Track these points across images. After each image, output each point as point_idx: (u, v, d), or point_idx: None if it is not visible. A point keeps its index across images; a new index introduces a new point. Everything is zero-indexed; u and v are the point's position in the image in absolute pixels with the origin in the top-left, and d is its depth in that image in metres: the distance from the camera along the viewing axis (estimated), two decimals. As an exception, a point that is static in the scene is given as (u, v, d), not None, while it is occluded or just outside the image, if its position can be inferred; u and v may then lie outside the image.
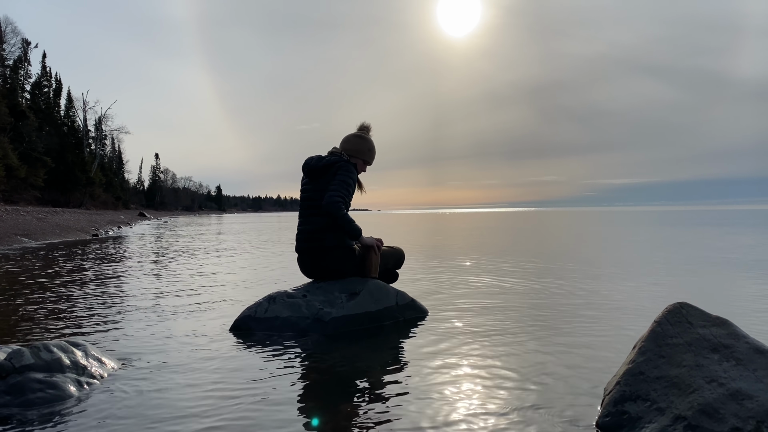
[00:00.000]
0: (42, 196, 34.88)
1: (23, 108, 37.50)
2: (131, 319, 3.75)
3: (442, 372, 2.49)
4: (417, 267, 6.76)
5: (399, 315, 3.53)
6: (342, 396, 2.22)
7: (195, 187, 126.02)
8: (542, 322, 3.54)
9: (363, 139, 3.70)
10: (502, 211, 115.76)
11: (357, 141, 3.67)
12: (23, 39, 43.20)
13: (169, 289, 5.13)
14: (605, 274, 5.93)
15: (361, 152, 3.66)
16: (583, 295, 4.54)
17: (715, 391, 1.61)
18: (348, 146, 3.66)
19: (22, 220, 17.10)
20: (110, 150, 69.40)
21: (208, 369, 2.56)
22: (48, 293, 4.90)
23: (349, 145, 3.67)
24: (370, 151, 3.71)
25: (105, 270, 6.86)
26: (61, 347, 2.34)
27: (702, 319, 1.90)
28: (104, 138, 61.23)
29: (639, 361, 1.86)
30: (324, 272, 3.54)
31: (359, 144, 3.67)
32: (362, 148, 3.68)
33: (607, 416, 1.80)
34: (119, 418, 1.97)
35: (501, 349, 2.87)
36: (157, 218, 48.37)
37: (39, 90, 46.23)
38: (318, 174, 3.54)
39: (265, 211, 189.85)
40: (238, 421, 1.93)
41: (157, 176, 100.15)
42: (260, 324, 3.25)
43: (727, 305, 4.01)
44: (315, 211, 3.51)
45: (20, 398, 2.06)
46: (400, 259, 3.92)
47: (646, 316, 3.57)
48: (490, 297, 4.51)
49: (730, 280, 5.51)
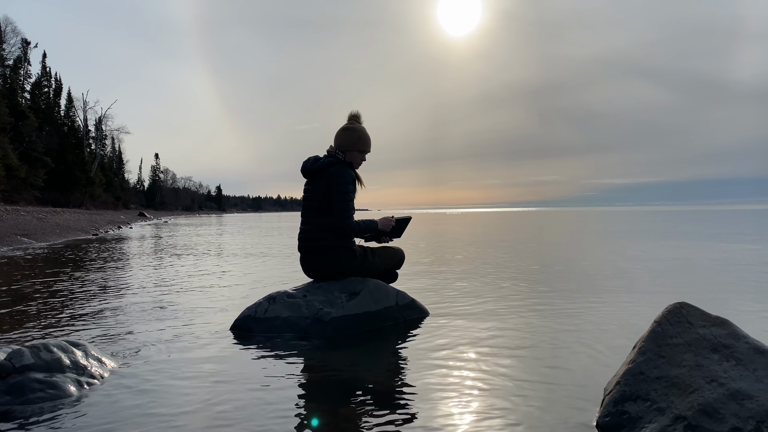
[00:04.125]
0: (42, 196, 34.88)
1: (23, 108, 37.49)
2: (131, 319, 3.75)
3: (441, 372, 2.49)
4: (417, 267, 6.76)
5: (399, 315, 3.53)
6: (342, 397, 2.22)
7: (195, 187, 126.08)
8: (542, 322, 3.54)
9: (350, 130, 3.59)
10: (503, 211, 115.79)
11: (345, 134, 3.59)
12: (23, 39, 43.23)
13: (168, 289, 5.13)
14: (605, 275, 5.93)
15: (352, 144, 3.57)
16: (582, 295, 4.54)
17: (715, 391, 1.61)
18: (339, 141, 3.59)
19: (22, 220, 17.10)
20: (110, 150, 69.46)
21: (208, 369, 2.56)
22: (48, 293, 4.90)
23: (339, 140, 3.59)
24: (361, 139, 3.58)
25: (105, 270, 6.86)
26: (61, 347, 2.34)
27: (702, 319, 1.90)
28: (104, 138, 61.32)
29: (639, 361, 1.86)
30: (325, 272, 3.54)
31: (348, 137, 3.58)
32: (352, 139, 3.57)
33: (607, 416, 1.80)
34: (119, 418, 1.97)
35: (501, 349, 2.87)
36: (157, 218, 48.37)
37: (39, 90, 46.21)
38: (314, 176, 3.54)
39: (265, 211, 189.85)
40: (238, 423, 1.93)
41: (157, 176, 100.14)
42: (260, 324, 3.25)
43: (727, 305, 4.01)
44: (315, 212, 3.51)
45: (20, 398, 2.06)
46: (401, 259, 3.92)
47: (646, 316, 3.57)
48: (490, 297, 4.51)
49: (730, 280, 5.51)
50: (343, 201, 3.42)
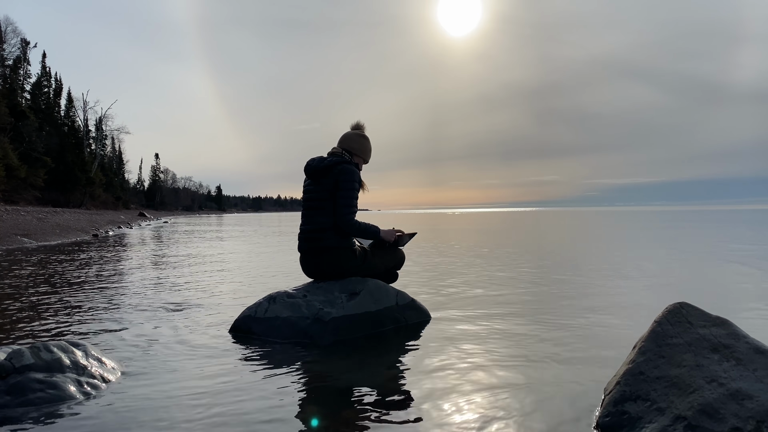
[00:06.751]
0: (42, 196, 34.86)
1: (23, 108, 37.49)
2: (131, 318, 3.75)
3: (441, 373, 2.48)
4: (417, 267, 6.76)
5: (399, 315, 3.53)
6: (342, 401, 2.22)
7: (195, 187, 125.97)
8: (542, 322, 3.54)
9: (366, 138, 3.71)
10: (504, 211, 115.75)
11: (361, 140, 3.68)
12: (22, 39, 43.20)
13: (169, 289, 5.13)
14: (605, 275, 5.93)
15: (364, 152, 3.68)
16: (583, 295, 4.54)
17: (715, 391, 1.61)
18: (352, 145, 3.65)
19: (22, 220, 17.10)
20: (110, 150, 69.38)
21: (207, 369, 2.56)
22: (48, 293, 4.90)
23: (353, 143, 3.66)
24: (369, 149, 3.73)
25: (105, 270, 6.85)
26: (61, 347, 2.34)
27: (702, 319, 1.90)
28: (104, 138, 61.27)
29: (639, 361, 1.86)
30: (325, 272, 3.54)
31: (363, 144, 3.68)
32: (366, 147, 3.69)
33: (607, 416, 1.80)
34: (119, 417, 1.97)
35: (501, 349, 2.87)
36: (157, 218, 48.36)
37: (39, 90, 46.20)
38: (320, 175, 3.54)
39: (265, 211, 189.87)
40: (237, 426, 1.93)
41: (157, 176, 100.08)
42: (260, 324, 3.25)
43: (727, 305, 4.01)
44: (316, 212, 3.51)
45: (20, 398, 2.06)
46: (401, 259, 3.91)
47: (646, 316, 3.57)
48: (490, 297, 4.51)
49: (730, 280, 5.51)
50: (347, 197, 3.45)
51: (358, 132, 3.71)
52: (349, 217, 3.46)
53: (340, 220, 3.45)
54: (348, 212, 3.45)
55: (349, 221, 3.46)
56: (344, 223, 3.45)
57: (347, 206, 3.45)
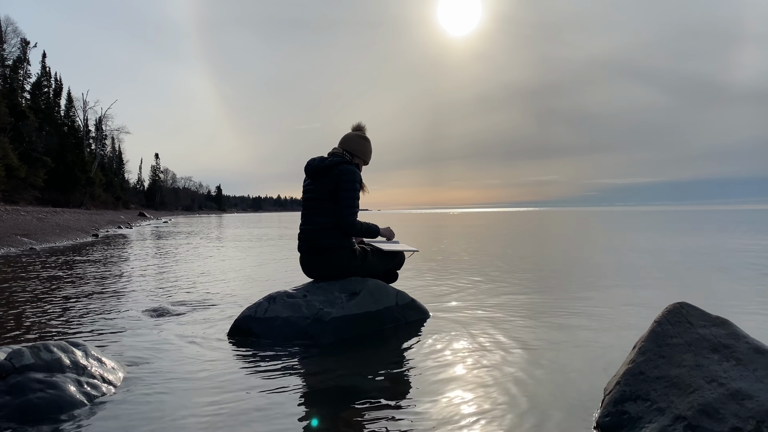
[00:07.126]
0: (42, 196, 34.86)
1: (23, 108, 37.48)
2: (131, 318, 3.75)
3: (441, 373, 2.49)
4: (417, 267, 6.76)
5: (399, 315, 3.53)
6: (342, 401, 2.22)
7: (195, 187, 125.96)
8: (542, 322, 3.54)
9: (367, 140, 3.73)
10: (504, 211, 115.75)
11: (362, 142, 3.69)
12: (22, 39, 43.19)
13: (169, 289, 5.13)
14: (605, 275, 5.93)
15: (364, 153, 3.70)
16: (583, 296, 4.54)
17: (715, 391, 1.61)
18: (353, 146, 3.66)
19: (22, 220, 17.09)
20: (110, 150, 69.35)
21: (207, 369, 2.56)
22: (48, 293, 4.90)
23: (355, 145, 3.67)
24: (370, 152, 3.75)
25: (105, 270, 6.85)
26: (61, 347, 2.34)
27: (702, 319, 1.90)
28: (104, 138, 61.25)
29: (639, 361, 1.86)
30: (325, 272, 3.54)
31: (364, 145, 3.70)
32: (366, 149, 3.71)
33: (607, 416, 1.80)
34: (119, 417, 1.97)
35: (500, 349, 2.87)
36: (157, 218, 48.36)
37: (39, 90, 46.18)
38: (320, 175, 3.55)
39: (265, 211, 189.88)
40: (237, 427, 1.93)
41: (157, 176, 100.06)
42: (260, 324, 3.25)
43: (727, 305, 4.01)
44: (316, 212, 3.52)
45: (20, 398, 2.05)
46: (401, 260, 3.92)
47: (646, 316, 3.57)
48: (490, 297, 4.51)
49: (730, 280, 5.51)
50: (349, 198, 3.46)
51: (359, 133, 3.72)
52: (352, 218, 3.47)
53: (342, 221, 3.46)
54: (350, 213, 3.46)
55: (352, 222, 3.47)
56: (346, 223, 3.46)
57: (349, 207, 3.46)
